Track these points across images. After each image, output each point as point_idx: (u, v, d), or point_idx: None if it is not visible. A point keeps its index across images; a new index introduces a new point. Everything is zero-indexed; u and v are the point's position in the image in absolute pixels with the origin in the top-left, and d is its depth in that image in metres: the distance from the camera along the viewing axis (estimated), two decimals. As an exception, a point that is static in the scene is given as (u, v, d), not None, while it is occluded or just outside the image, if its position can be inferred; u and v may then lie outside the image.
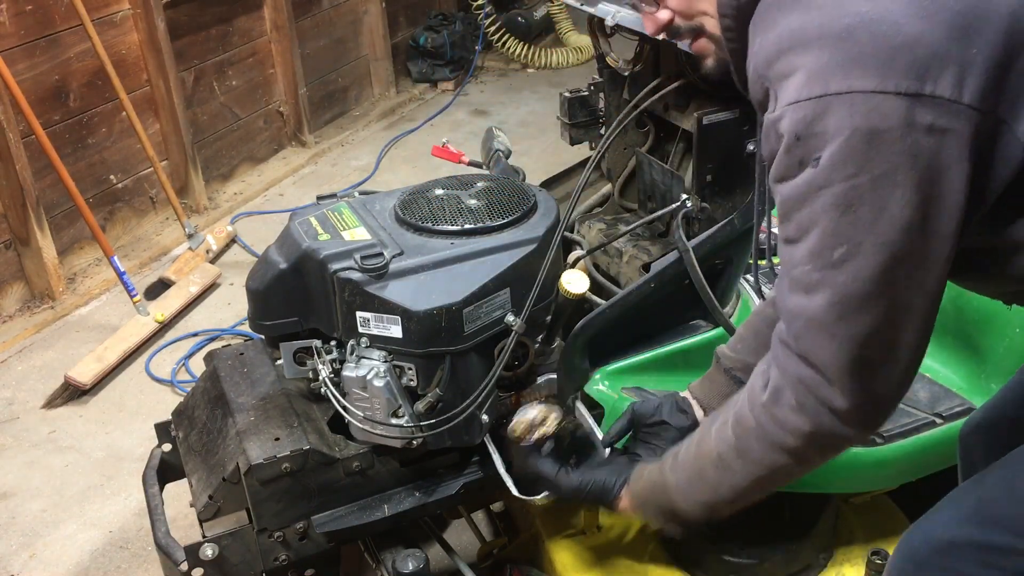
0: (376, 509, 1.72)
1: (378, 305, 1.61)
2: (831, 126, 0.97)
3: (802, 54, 0.99)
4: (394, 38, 5.70)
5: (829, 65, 0.97)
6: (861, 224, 0.99)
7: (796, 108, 0.99)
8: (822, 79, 0.97)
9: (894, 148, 0.96)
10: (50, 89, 3.63)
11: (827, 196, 1.00)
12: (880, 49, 0.96)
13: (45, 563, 2.49)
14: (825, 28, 0.98)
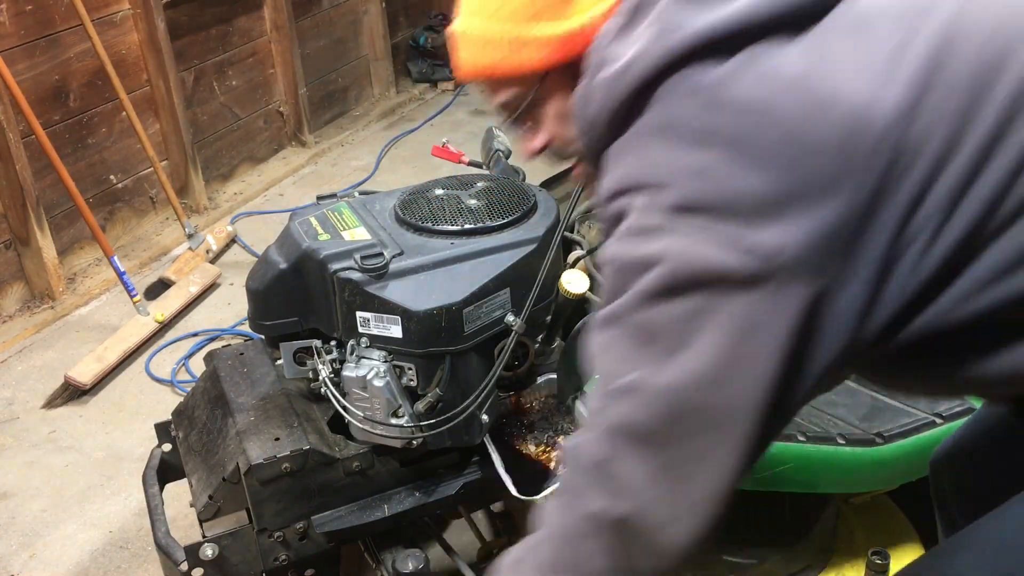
0: (376, 509, 1.72)
1: (378, 305, 1.61)
2: (650, 260, 0.96)
3: (634, 196, 0.99)
4: (394, 38, 5.70)
5: (654, 207, 0.96)
6: (652, 362, 0.97)
7: (622, 243, 0.99)
8: (647, 219, 0.97)
9: (710, 292, 0.93)
10: (50, 89, 3.63)
11: (630, 322, 0.98)
12: (701, 199, 0.94)
13: (45, 563, 2.49)
14: (653, 173, 0.98)
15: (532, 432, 1.82)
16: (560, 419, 1.83)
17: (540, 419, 1.84)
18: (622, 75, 1.00)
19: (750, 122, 0.94)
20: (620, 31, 1.03)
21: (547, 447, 1.79)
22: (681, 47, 0.97)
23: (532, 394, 1.86)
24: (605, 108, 1.04)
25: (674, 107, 0.98)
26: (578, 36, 1.09)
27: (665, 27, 0.98)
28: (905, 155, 0.93)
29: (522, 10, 1.10)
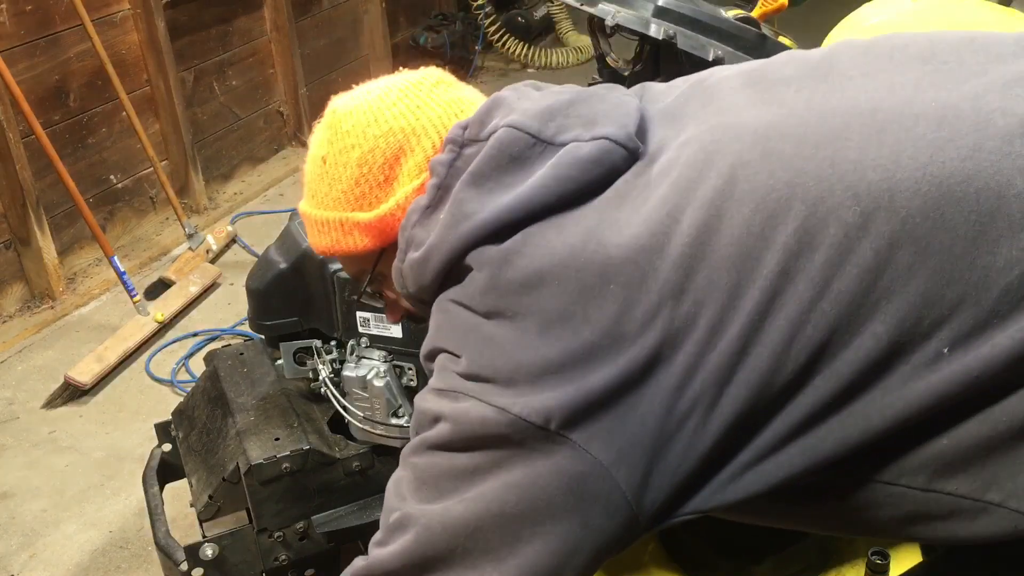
0: (376, 509, 1.72)
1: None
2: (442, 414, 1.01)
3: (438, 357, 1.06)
4: (394, 38, 5.70)
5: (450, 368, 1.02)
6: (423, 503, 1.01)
7: (424, 397, 1.05)
8: (443, 377, 1.03)
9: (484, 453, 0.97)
10: (50, 89, 3.63)
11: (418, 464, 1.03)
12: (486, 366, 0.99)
13: (45, 563, 2.49)
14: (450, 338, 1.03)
15: (532, 432, 1.82)
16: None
17: (540, 419, 1.84)
18: (424, 264, 1.06)
19: (526, 300, 0.97)
20: (425, 212, 1.08)
21: (547, 447, 1.79)
22: (470, 235, 1.02)
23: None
24: (417, 286, 1.10)
25: (468, 284, 1.03)
26: (395, 214, 1.14)
27: (456, 214, 1.03)
28: (675, 332, 0.93)
29: (342, 199, 1.17)
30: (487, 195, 1.02)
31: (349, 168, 1.16)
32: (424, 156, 1.13)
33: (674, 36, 1.62)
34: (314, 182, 1.21)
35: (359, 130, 1.16)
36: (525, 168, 1.03)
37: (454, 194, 1.05)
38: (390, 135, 1.14)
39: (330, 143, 1.20)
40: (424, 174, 1.12)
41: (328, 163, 1.19)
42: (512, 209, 1.00)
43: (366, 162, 1.15)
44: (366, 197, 1.15)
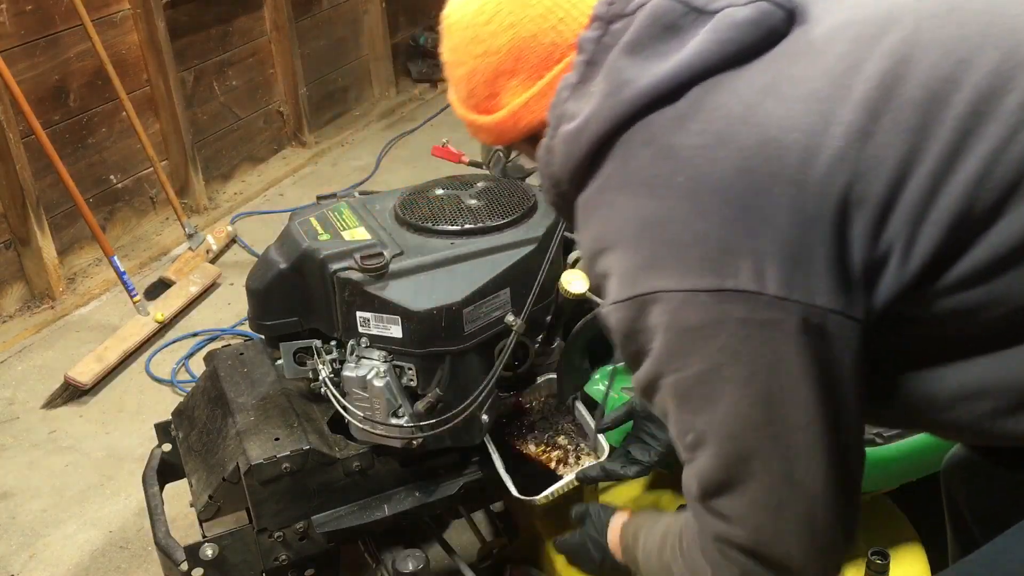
0: (376, 509, 1.72)
1: (378, 305, 1.61)
2: (650, 323, 0.99)
3: (609, 256, 1.03)
4: (394, 38, 5.70)
5: (631, 268, 1.00)
6: (699, 416, 1.00)
7: (615, 309, 1.02)
8: (630, 281, 1.00)
9: (712, 344, 0.96)
10: (50, 89, 3.63)
11: (664, 387, 1.02)
12: (672, 248, 0.97)
13: (45, 563, 2.49)
14: (622, 231, 1.01)
15: (532, 432, 1.82)
16: (560, 419, 1.83)
17: (540, 419, 1.84)
18: (579, 134, 1.04)
19: (703, 163, 0.96)
20: (575, 88, 1.06)
21: (547, 447, 1.79)
22: (632, 103, 1.00)
23: (532, 394, 1.86)
24: (567, 165, 1.07)
25: (632, 160, 1.01)
26: (508, 123, 1.15)
27: (615, 83, 1.01)
28: (862, 175, 0.93)
29: (465, 102, 1.20)
30: (644, 63, 1.01)
31: (462, 81, 1.17)
32: (527, 75, 1.12)
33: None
34: (450, 79, 1.22)
35: (463, 47, 1.15)
36: (679, 36, 1.01)
37: (609, 64, 1.03)
38: (487, 57, 1.13)
39: (447, 51, 1.20)
40: (531, 90, 1.12)
41: (449, 68, 1.20)
42: (676, 73, 0.99)
43: (473, 79, 1.15)
44: (481, 105, 1.17)
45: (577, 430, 1.81)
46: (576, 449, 1.78)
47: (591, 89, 1.04)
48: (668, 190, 0.97)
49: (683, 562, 1.17)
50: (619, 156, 1.02)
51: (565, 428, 1.82)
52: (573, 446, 1.78)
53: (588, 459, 1.75)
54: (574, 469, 1.72)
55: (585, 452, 1.77)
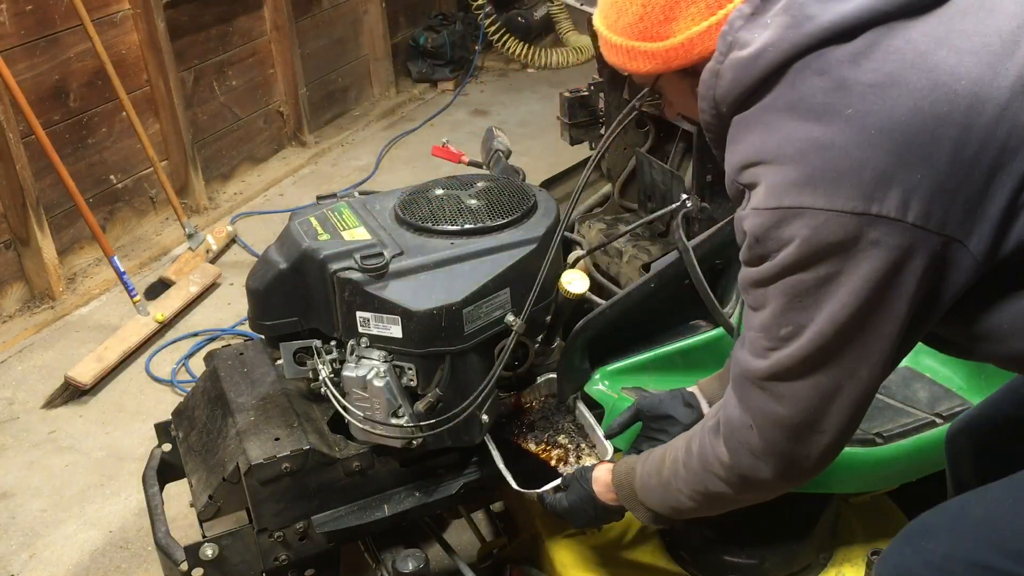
0: (376, 509, 1.72)
1: (378, 305, 1.61)
2: (785, 234, 1.08)
3: (763, 168, 1.10)
4: (394, 38, 5.70)
5: (784, 182, 1.07)
6: (805, 313, 1.10)
7: (757, 214, 1.10)
8: (777, 194, 1.08)
9: (840, 257, 1.06)
10: (50, 89, 3.63)
11: (780, 285, 1.11)
12: (828, 171, 1.05)
13: (45, 563, 2.49)
14: (781, 148, 1.08)
15: (532, 432, 1.82)
16: (560, 419, 1.83)
17: (540, 419, 1.84)
18: (755, 60, 1.10)
19: (874, 100, 1.04)
20: (750, 18, 1.11)
21: (547, 446, 1.79)
22: (812, 36, 1.07)
23: (532, 394, 1.86)
24: (735, 88, 1.13)
25: (802, 87, 1.08)
26: (680, 50, 1.18)
27: (796, 17, 1.08)
28: (1021, 127, 1.02)
29: (629, 28, 1.20)
30: (827, 2, 1.07)
31: (635, 5, 1.18)
32: (708, 1, 1.14)
33: (674, 36, 1.62)
34: (605, 6, 1.24)
35: None
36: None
37: (793, 1, 1.09)
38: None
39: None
40: (711, 18, 1.14)
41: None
42: (857, 14, 1.06)
43: (649, 5, 1.17)
44: (649, 31, 1.18)
45: (578, 429, 1.81)
46: (577, 448, 1.78)
47: (766, 20, 1.10)
48: (836, 119, 1.05)
49: (690, 465, 1.31)
50: (790, 82, 1.09)
51: (565, 427, 1.82)
52: (574, 445, 1.78)
53: (589, 459, 1.74)
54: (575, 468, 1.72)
55: (586, 452, 1.77)
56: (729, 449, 1.25)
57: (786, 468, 1.22)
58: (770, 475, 1.23)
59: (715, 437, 1.27)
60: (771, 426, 1.18)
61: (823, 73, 1.06)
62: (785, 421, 1.17)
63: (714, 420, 1.28)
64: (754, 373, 1.18)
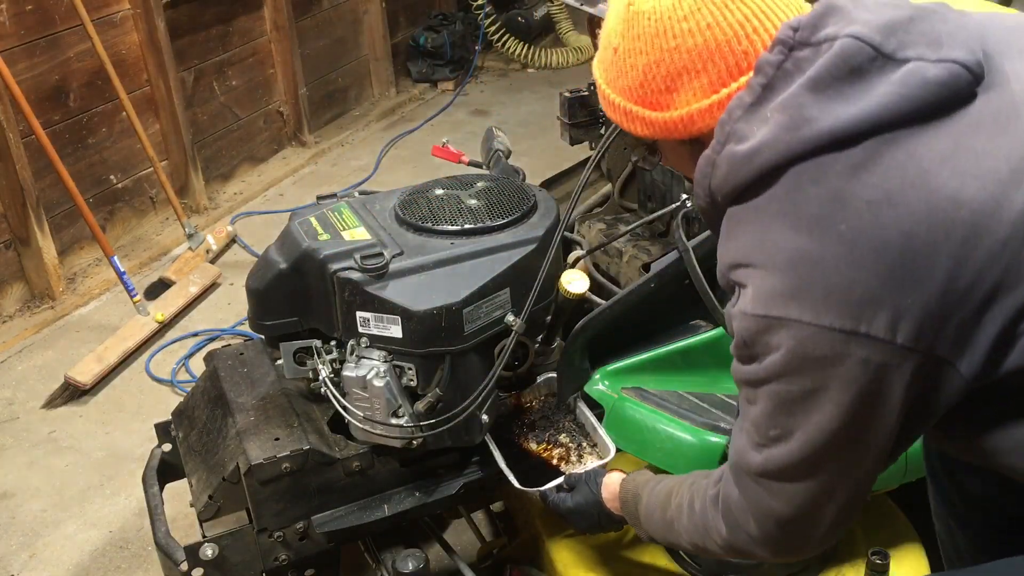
0: (376, 509, 1.72)
1: (378, 305, 1.61)
2: (772, 342, 1.06)
3: (753, 272, 1.07)
4: (394, 38, 5.70)
5: (772, 291, 1.05)
6: (792, 419, 1.09)
7: (744, 318, 1.08)
8: (765, 301, 1.05)
9: (827, 372, 1.03)
10: (50, 89, 3.63)
11: (767, 389, 1.10)
12: (816, 286, 1.02)
13: (45, 563, 2.49)
14: (772, 256, 1.05)
15: (532, 431, 1.82)
16: (560, 418, 1.83)
17: (540, 418, 1.84)
18: (750, 158, 1.06)
19: (869, 218, 1.00)
20: (749, 108, 1.08)
21: (548, 446, 1.79)
22: (809, 142, 1.03)
23: (532, 394, 1.86)
24: (730, 182, 1.10)
25: (796, 195, 1.04)
26: (679, 123, 1.14)
27: (796, 118, 1.03)
28: (1021, 264, 0.99)
29: (629, 91, 1.17)
30: (827, 103, 1.03)
31: (636, 70, 1.15)
32: (712, 79, 1.11)
33: (674, 36, 1.62)
34: (606, 62, 1.20)
35: (649, 37, 1.13)
36: (864, 81, 1.03)
37: (791, 96, 1.04)
38: (676, 53, 1.11)
39: (622, 37, 1.16)
40: (713, 96, 1.11)
41: (619, 55, 1.17)
42: (858, 121, 1.01)
43: (651, 71, 1.13)
44: (649, 99, 1.15)
45: (579, 429, 1.81)
46: (579, 447, 1.78)
47: (765, 114, 1.06)
48: (829, 233, 1.01)
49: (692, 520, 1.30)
50: (785, 186, 1.05)
51: (566, 427, 1.82)
52: (575, 444, 1.78)
53: (591, 458, 1.75)
54: (576, 467, 1.72)
55: (587, 450, 1.77)
56: (727, 526, 1.23)
57: (782, 551, 1.22)
58: (767, 555, 1.23)
59: (715, 510, 1.25)
60: (766, 517, 1.18)
61: (819, 183, 1.03)
62: (781, 516, 1.16)
63: (715, 490, 1.26)
64: (749, 466, 1.16)
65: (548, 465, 1.75)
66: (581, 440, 1.79)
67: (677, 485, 1.38)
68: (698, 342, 1.80)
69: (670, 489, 1.39)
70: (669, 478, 1.44)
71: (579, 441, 1.78)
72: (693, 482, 1.34)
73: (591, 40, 2.02)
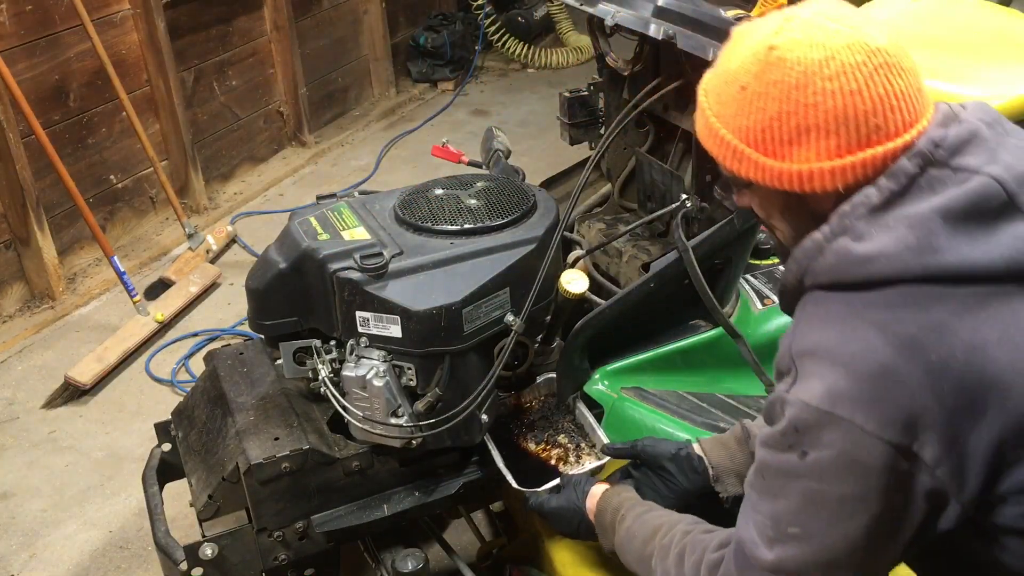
0: (376, 509, 1.72)
1: (378, 305, 1.61)
2: (825, 439, 1.06)
3: (827, 367, 1.08)
4: (394, 38, 5.70)
5: (844, 392, 1.05)
6: (818, 522, 1.10)
7: (805, 408, 1.08)
8: (833, 399, 1.06)
9: (870, 481, 1.06)
10: (50, 89, 3.63)
11: (801, 485, 1.10)
12: (891, 403, 1.04)
13: (45, 563, 2.49)
14: (855, 360, 1.06)
15: (532, 431, 1.82)
16: (560, 418, 1.83)
17: (540, 418, 1.84)
18: (862, 263, 1.08)
19: (962, 359, 1.03)
20: (875, 210, 1.09)
21: (547, 446, 1.79)
22: (930, 271, 1.05)
23: (532, 394, 1.86)
24: (832, 275, 1.11)
25: (900, 311, 1.06)
26: (794, 177, 1.12)
27: (923, 242, 1.05)
28: None
29: (746, 132, 1.13)
30: (956, 237, 1.05)
31: (762, 115, 1.11)
32: (840, 144, 1.09)
33: (674, 36, 1.62)
34: (723, 95, 1.15)
35: (787, 87, 1.09)
36: (992, 226, 1.06)
37: (922, 217, 1.06)
38: (813, 110, 1.08)
39: (756, 78, 1.11)
40: (836, 160, 1.09)
41: (746, 94, 1.12)
42: (981, 267, 1.05)
43: (781, 120, 1.10)
44: (768, 145, 1.12)
45: (578, 429, 1.81)
46: (577, 448, 1.78)
47: (889, 221, 1.08)
48: (919, 359, 1.04)
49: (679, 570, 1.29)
50: (888, 299, 1.07)
51: (565, 427, 1.82)
52: (573, 445, 1.78)
53: (589, 458, 1.75)
54: (575, 467, 1.72)
55: (586, 451, 1.77)
56: None
57: None
58: None
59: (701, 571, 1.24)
60: None
61: (925, 309, 1.05)
62: None
63: (716, 555, 1.24)
64: (758, 560, 1.15)
65: (546, 465, 1.75)
66: (580, 441, 1.79)
67: (668, 525, 1.37)
68: (698, 342, 1.80)
69: (659, 524, 1.38)
70: (659, 510, 1.43)
71: (577, 442, 1.79)
72: (688, 532, 1.33)
73: (591, 40, 2.02)
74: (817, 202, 1.15)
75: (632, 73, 1.92)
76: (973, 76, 2.41)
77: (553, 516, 1.57)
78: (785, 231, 1.23)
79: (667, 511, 1.43)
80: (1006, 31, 2.67)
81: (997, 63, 2.49)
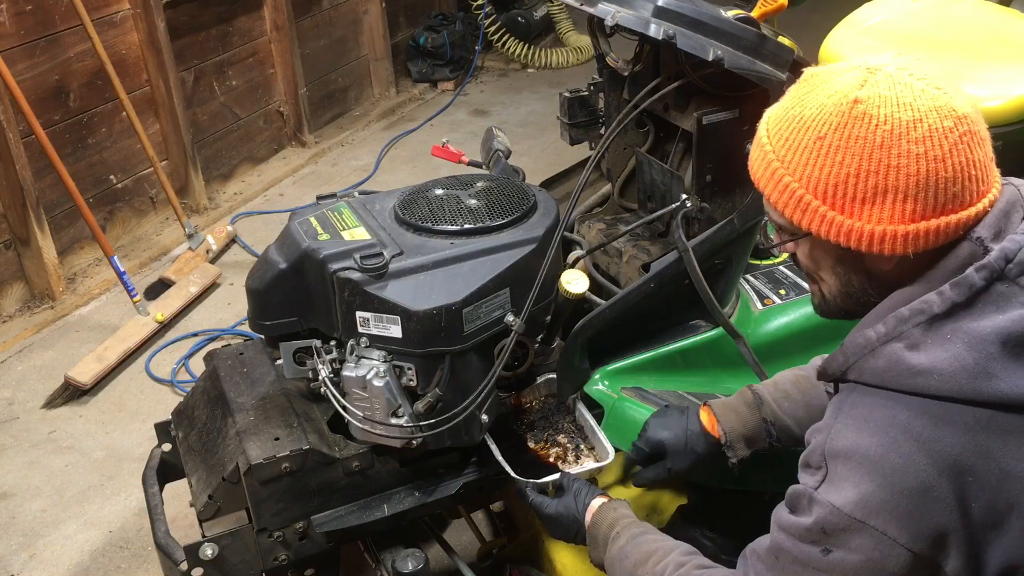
0: (376, 509, 1.72)
1: (378, 305, 1.61)
2: (854, 543, 1.07)
3: (864, 476, 1.07)
4: (394, 38, 5.70)
5: (879, 503, 1.06)
6: None
7: (836, 513, 1.08)
8: (868, 510, 1.06)
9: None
10: (50, 89, 3.63)
11: None
12: (925, 521, 1.05)
13: (45, 563, 2.49)
14: (895, 473, 1.06)
15: (532, 431, 1.82)
16: (559, 419, 1.83)
17: (540, 419, 1.84)
18: (916, 374, 1.06)
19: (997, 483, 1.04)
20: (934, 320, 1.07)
21: (547, 445, 1.79)
22: (982, 396, 1.05)
23: (532, 394, 1.86)
24: (878, 376, 1.10)
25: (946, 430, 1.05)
26: (860, 236, 1.09)
27: (980, 366, 1.04)
28: None
29: (816, 183, 1.10)
30: (1014, 366, 1.04)
31: (838, 169, 1.08)
32: (917, 209, 1.07)
33: (674, 36, 1.62)
34: (794, 141, 1.11)
35: (870, 145, 1.06)
36: None
37: (981, 339, 1.05)
38: (895, 172, 1.06)
39: (836, 131, 1.08)
40: (911, 225, 1.07)
41: (822, 145, 1.09)
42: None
43: (858, 178, 1.07)
44: (839, 201, 1.09)
45: (577, 430, 1.81)
46: (576, 448, 1.78)
47: (946, 334, 1.06)
48: (959, 482, 1.04)
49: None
50: (934, 414, 1.06)
51: (565, 427, 1.82)
52: (573, 445, 1.78)
53: (588, 459, 1.75)
54: (574, 467, 1.72)
55: (585, 452, 1.77)
56: None
57: None
58: None
59: None
60: None
61: (970, 431, 1.04)
62: None
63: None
64: None
65: (546, 463, 1.75)
66: (579, 442, 1.79)
67: (662, 551, 1.37)
68: (698, 342, 1.80)
69: (653, 549, 1.38)
70: (654, 533, 1.43)
71: (577, 443, 1.79)
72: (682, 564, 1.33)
73: (591, 40, 2.02)
74: (875, 262, 1.13)
75: (632, 73, 1.92)
76: (973, 76, 2.41)
77: (551, 521, 1.57)
78: (832, 285, 1.20)
79: (663, 535, 1.42)
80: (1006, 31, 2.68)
81: (997, 63, 2.50)
